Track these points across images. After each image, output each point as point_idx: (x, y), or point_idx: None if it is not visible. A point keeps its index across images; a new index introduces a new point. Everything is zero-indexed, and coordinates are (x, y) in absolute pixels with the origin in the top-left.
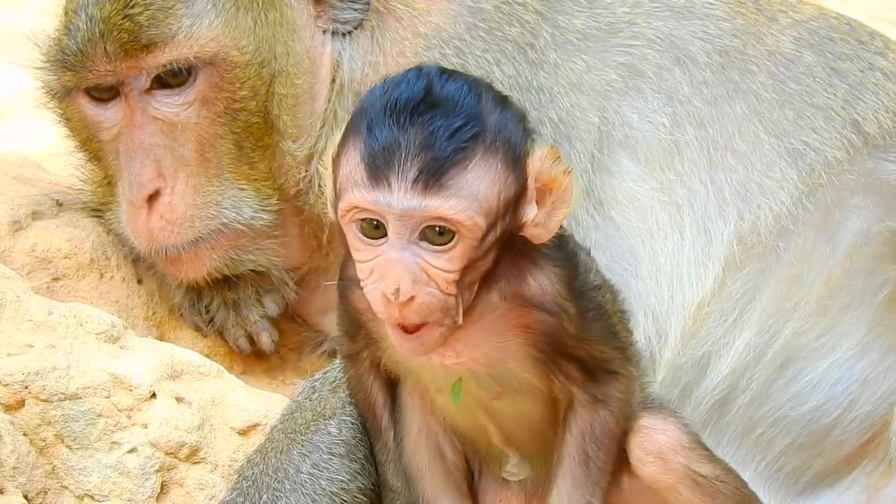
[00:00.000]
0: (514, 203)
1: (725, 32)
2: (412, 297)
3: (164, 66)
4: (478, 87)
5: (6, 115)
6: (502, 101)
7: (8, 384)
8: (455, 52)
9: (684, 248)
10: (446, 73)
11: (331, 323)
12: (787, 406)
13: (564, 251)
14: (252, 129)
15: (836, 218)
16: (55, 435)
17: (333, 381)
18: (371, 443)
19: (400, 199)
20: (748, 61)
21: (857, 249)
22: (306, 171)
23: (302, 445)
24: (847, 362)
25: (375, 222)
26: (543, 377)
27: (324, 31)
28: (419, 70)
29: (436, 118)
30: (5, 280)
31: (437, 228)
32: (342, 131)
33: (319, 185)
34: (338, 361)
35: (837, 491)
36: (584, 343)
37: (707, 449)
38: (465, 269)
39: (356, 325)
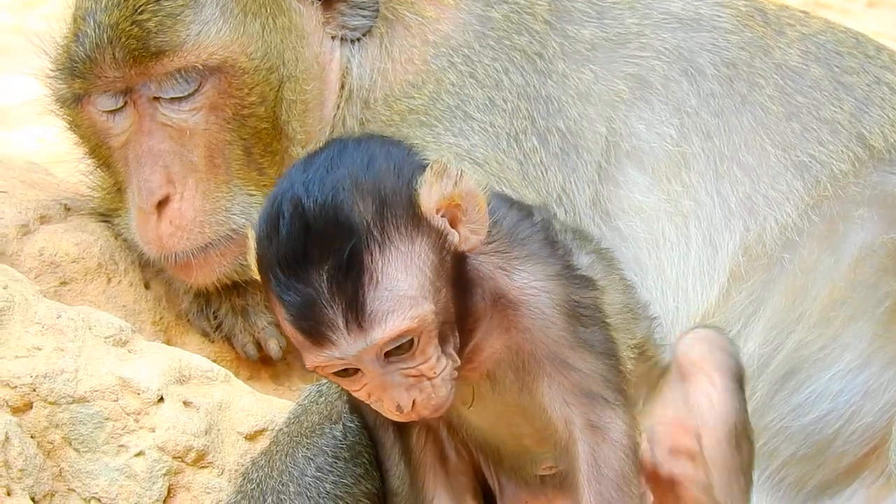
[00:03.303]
0: (440, 253)
1: (733, 45)
2: (414, 401)
3: (173, 72)
4: (346, 177)
5: (13, 122)
6: (373, 163)
7: (16, 387)
8: (464, 61)
9: (690, 259)
10: (314, 186)
11: None
12: (789, 417)
13: (531, 230)
14: (261, 134)
15: (840, 230)
16: (63, 438)
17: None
18: (375, 447)
19: (347, 347)
20: (755, 74)
21: (861, 261)
22: None
23: (307, 448)
24: (849, 374)
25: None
26: (534, 390)
27: (333, 38)
28: (289, 195)
29: (326, 257)
30: (14, 283)
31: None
32: (257, 266)
33: None
34: None
35: (838, 502)
36: (577, 350)
37: None
38: (440, 339)
39: None
